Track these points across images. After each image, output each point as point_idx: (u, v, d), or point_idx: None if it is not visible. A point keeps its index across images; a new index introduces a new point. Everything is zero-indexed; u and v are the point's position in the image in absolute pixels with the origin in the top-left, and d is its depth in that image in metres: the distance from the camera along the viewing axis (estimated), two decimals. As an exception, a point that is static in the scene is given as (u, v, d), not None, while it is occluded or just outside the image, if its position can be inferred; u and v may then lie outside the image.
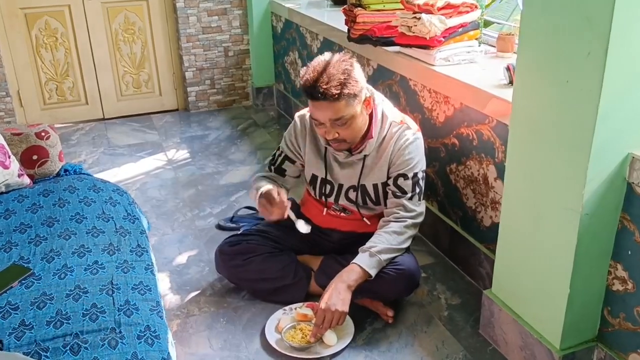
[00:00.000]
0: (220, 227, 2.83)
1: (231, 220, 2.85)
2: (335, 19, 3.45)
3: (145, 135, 4.08)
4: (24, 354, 1.38)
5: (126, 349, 1.43)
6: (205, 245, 2.69)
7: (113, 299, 1.60)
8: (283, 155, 2.24)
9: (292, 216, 2.09)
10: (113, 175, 3.41)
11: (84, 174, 2.38)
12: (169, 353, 1.49)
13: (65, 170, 2.36)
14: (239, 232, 2.45)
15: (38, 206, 2.04)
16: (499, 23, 3.49)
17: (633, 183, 1.57)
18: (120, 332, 1.48)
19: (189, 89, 4.43)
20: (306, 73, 1.95)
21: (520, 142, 1.76)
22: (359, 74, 1.97)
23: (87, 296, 1.60)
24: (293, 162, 2.24)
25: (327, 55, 1.99)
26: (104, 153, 3.78)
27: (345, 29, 3.03)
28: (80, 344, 1.42)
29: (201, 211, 3.01)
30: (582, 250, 1.63)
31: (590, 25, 1.44)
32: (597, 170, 1.54)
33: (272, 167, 2.26)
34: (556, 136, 1.61)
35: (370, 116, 2.06)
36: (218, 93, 4.53)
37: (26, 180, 2.22)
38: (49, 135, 2.31)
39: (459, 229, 2.44)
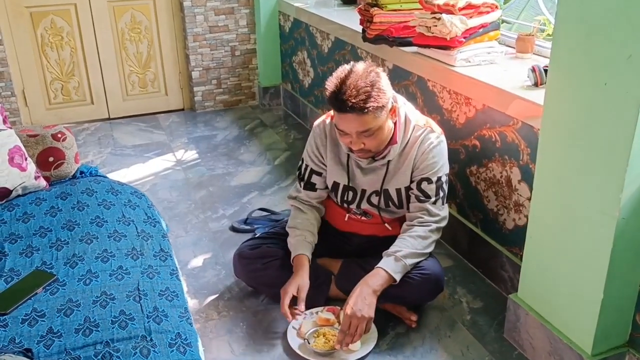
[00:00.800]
0: (234, 229, 2.79)
1: (245, 222, 2.82)
2: (345, 18, 3.43)
3: (152, 135, 4.04)
4: (55, 363, 1.35)
5: (159, 357, 1.39)
6: (220, 247, 2.66)
7: (141, 305, 1.56)
8: (309, 169, 2.20)
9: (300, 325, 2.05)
10: (122, 176, 3.37)
11: (100, 176, 2.34)
12: (202, 361, 1.46)
13: (81, 172, 2.32)
14: (256, 235, 2.41)
15: (57, 209, 2.00)
16: (508, 22, 3.48)
17: (670, 187, 1.55)
18: (151, 340, 1.44)
19: (195, 89, 4.39)
20: (332, 84, 1.90)
21: (552, 145, 1.73)
22: (385, 84, 1.92)
23: (114, 303, 1.56)
24: (320, 174, 2.20)
25: (352, 65, 1.94)
26: (112, 153, 3.73)
27: (358, 28, 3.01)
28: (112, 352, 1.39)
29: (214, 213, 2.97)
30: (617, 255, 1.61)
31: (632, 28, 1.41)
32: (635, 174, 1.52)
33: (302, 183, 2.22)
34: (592, 139, 1.58)
35: (395, 122, 2.03)
36: (224, 93, 4.49)
37: (42, 182, 2.18)
38: (65, 137, 2.27)
39: (479, 232, 2.42)
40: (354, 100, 1.83)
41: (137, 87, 4.34)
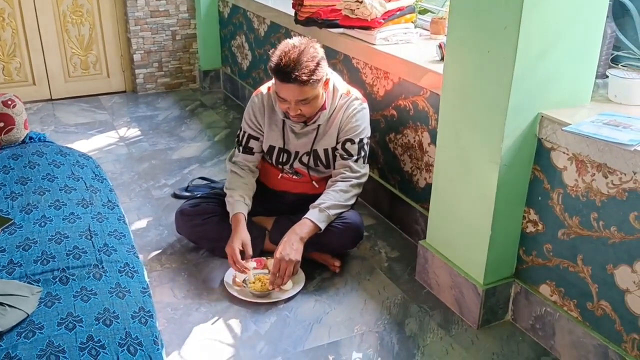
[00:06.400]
0: (176, 196, 3.00)
1: (186, 189, 3.03)
2: (281, 3, 3.67)
3: (95, 114, 4.18)
4: (17, 284, 1.54)
5: (110, 280, 1.61)
6: (162, 211, 2.86)
7: (92, 242, 1.77)
8: (247, 134, 2.44)
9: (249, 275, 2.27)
10: (66, 150, 3.50)
11: (48, 141, 2.50)
12: (148, 284, 1.68)
13: (30, 138, 2.47)
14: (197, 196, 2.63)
15: (9, 168, 2.17)
16: (433, 12, 3.80)
17: (542, 138, 1.87)
18: (102, 267, 1.65)
19: (137, 71, 4.54)
20: (277, 57, 2.14)
21: (450, 107, 2.04)
22: (322, 58, 2.19)
23: (68, 240, 1.76)
24: (257, 139, 2.44)
25: (295, 40, 2.18)
26: (55, 131, 3.85)
27: (291, 12, 3.26)
28: (68, 276, 1.59)
29: (156, 182, 3.17)
30: (501, 198, 1.92)
31: (506, 3, 1.72)
32: (512, 127, 1.83)
33: (240, 148, 2.46)
34: (479, 99, 1.89)
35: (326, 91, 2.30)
36: (166, 75, 4.66)
37: (-7, 146, 2.33)
38: (15, 104, 2.42)
39: (397, 192, 2.72)
40: (297, 73, 2.09)
41: (79, 68, 4.46)
